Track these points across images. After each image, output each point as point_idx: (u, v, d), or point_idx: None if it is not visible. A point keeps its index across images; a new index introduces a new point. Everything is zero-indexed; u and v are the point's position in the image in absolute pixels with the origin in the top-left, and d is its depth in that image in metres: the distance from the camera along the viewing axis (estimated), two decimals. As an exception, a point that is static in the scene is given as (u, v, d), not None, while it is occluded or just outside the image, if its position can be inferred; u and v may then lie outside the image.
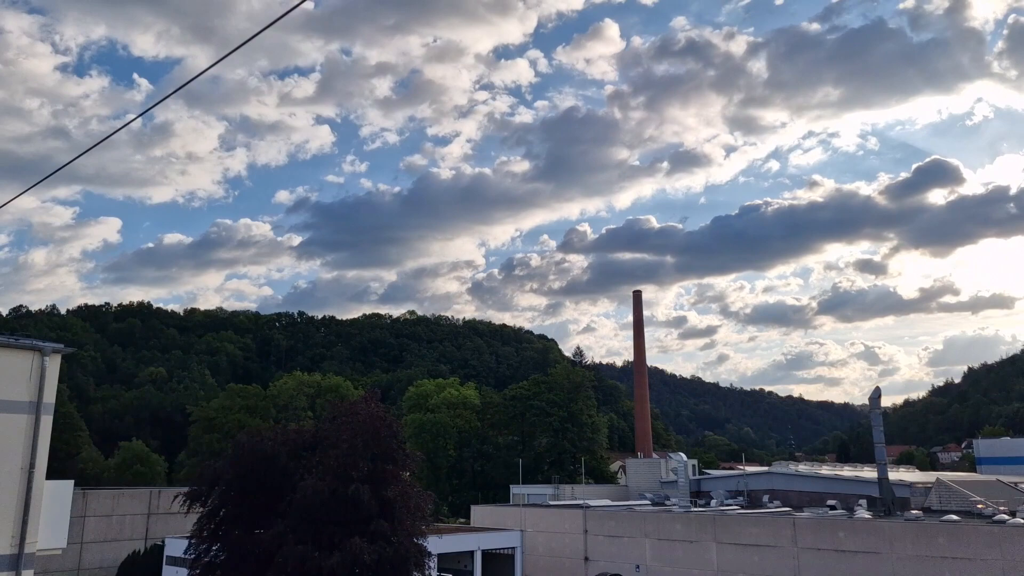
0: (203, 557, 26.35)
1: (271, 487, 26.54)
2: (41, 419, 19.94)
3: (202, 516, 26.82)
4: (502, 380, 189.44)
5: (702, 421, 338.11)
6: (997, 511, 45.46)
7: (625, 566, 49.85)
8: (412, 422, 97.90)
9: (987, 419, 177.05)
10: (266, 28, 11.98)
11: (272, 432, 28.73)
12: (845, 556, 41.40)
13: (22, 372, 19.82)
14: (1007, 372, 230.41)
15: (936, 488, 54.08)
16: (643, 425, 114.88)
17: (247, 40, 11.79)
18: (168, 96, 14.18)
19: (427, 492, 28.91)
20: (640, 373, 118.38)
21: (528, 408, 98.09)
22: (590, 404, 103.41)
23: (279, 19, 11.44)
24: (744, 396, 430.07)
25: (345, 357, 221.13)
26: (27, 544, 19.31)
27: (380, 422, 26.97)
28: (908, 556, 39.39)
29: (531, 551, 53.87)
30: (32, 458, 19.62)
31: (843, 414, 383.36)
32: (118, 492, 57.85)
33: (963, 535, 38.47)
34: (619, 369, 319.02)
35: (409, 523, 26.28)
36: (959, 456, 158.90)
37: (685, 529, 48.32)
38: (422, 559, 26.74)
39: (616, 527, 51.72)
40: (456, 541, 47.97)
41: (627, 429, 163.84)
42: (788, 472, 68.36)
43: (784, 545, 43.75)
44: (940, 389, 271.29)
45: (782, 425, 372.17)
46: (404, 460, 27.65)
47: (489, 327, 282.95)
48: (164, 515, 55.50)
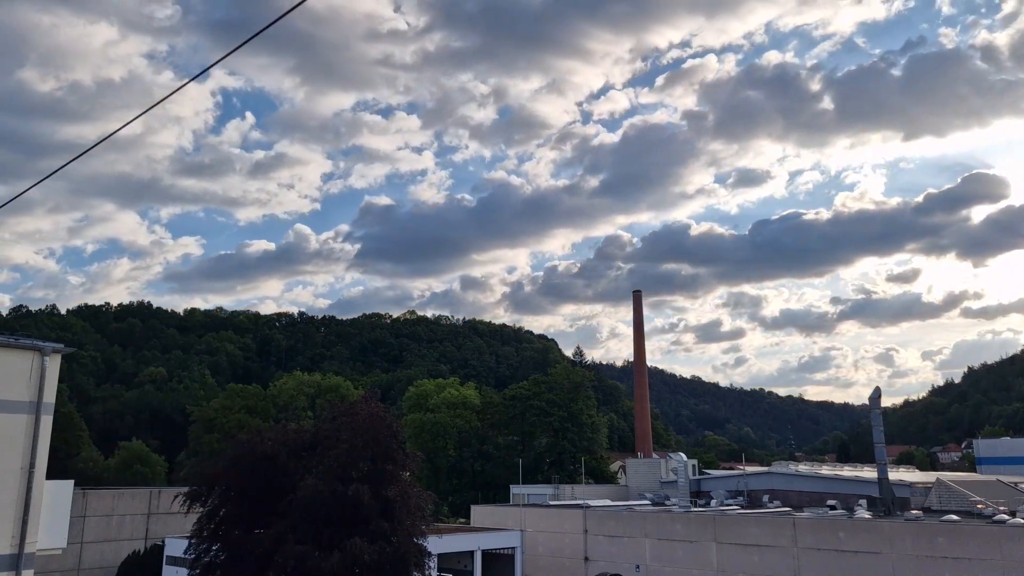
0: (203, 557, 26.36)
1: (271, 487, 26.54)
2: (41, 419, 19.96)
3: (202, 516, 26.83)
4: (502, 380, 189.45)
5: (702, 421, 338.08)
6: (997, 511, 45.46)
7: (625, 566, 49.83)
8: (412, 422, 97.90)
9: (987, 419, 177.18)
10: (265, 29, 11.99)
11: (272, 432, 28.73)
12: (845, 556, 41.39)
13: (22, 372, 19.83)
14: (1007, 372, 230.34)
15: (936, 488, 54.08)
16: (643, 425, 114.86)
17: (244, 42, 11.81)
18: (166, 98, 14.17)
19: (427, 492, 28.93)
20: (640, 373, 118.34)
21: (528, 408, 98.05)
22: (590, 404, 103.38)
23: (278, 20, 11.45)
24: (744, 396, 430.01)
25: (345, 357, 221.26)
26: (27, 544, 19.32)
27: (380, 422, 26.98)
28: (908, 556, 39.38)
29: (531, 551, 53.85)
30: (32, 458, 19.63)
31: (843, 414, 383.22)
32: (118, 492, 57.74)
33: (963, 535, 38.46)
34: (619, 369, 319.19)
35: (409, 523, 26.28)
36: (959, 456, 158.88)
37: (685, 529, 48.31)
38: (422, 559, 26.74)
39: (616, 527, 51.70)
40: (456, 541, 47.98)
41: (627, 429, 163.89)
42: (788, 472, 68.34)
43: (784, 545, 43.74)
44: (940, 389, 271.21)
45: (782, 425, 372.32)
46: (404, 460, 27.65)
47: (489, 327, 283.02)
48: (164, 515, 55.42)
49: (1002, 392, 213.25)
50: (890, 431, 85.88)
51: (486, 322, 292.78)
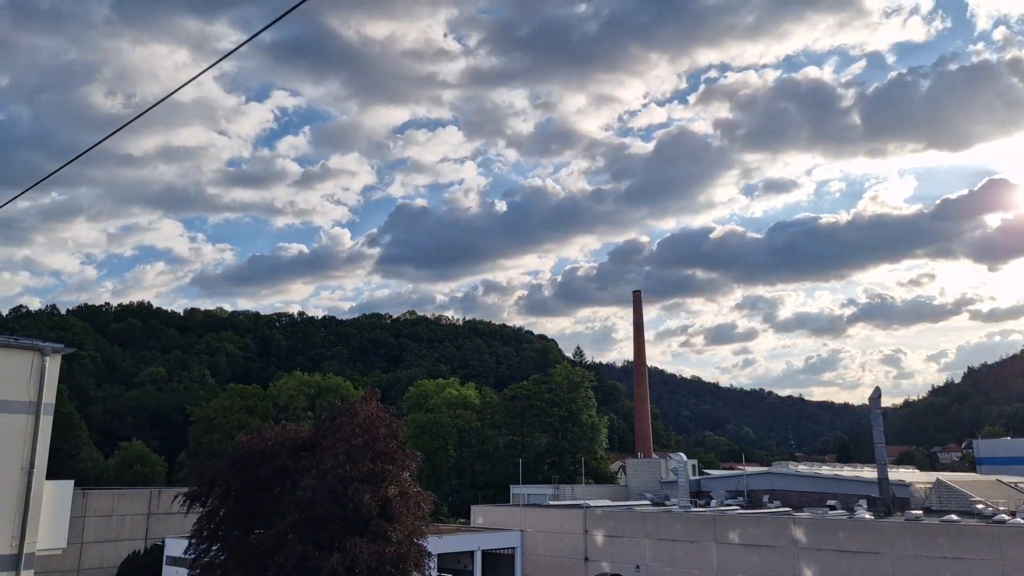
0: (203, 557, 26.35)
1: (271, 487, 26.53)
2: (41, 419, 19.97)
3: (202, 516, 26.82)
4: (502, 380, 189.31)
5: (702, 421, 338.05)
6: (997, 511, 45.49)
7: (625, 566, 49.84)
8: (412, 422, 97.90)
9: (987, 419, 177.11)
10: (264, 29, 11.99)
11: (272, 432, 28.72)
12: (845, 556, 41.40)
13: (22, 372, 19.85)
14: (1007, 372, 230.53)
15: (936, 488, 54.11)
16: (643, 425, 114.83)
17: (241, 44, 11.81)
18: (162, 100, 14.17)
19: (427, 492, 28.88)
20: (640, 373, 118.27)
21: (528, 408, 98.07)
22: (590, 404, 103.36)
23: (277, 20, 11.45)
24: (744, 396, 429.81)
25: (345, 357, 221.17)
26: (27, 544, 19.33)
27: (380, 422, 26.97)
28: (908, 556, 39.38)
29: (531, 551, 53.86)
30: (32, 458, 19.65)
31: (843, 414, 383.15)
32: (118, 492, 57.81)
33: (963, 535, 38.48)
34: (619, 369, 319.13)
35: (409, 523, 26.28)
36: (959, 456, 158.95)
37: (685, 529, 48.32)
38: (422, 559, 26.73)
39: (616, 527, 51.71)
40: (456, 541, 48.03)
41: (627, 429, 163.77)
42: (788, 472, 68.39)
43: (784, 545, 43.75)
44: (940, 389, 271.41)
45: (782, 425, 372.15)
46: (404, 460, 27.63)
47: (489, 327, 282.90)
48: (164, 515, 55.47)
49: (1002, 392, 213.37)
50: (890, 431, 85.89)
51: (486, 322, 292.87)
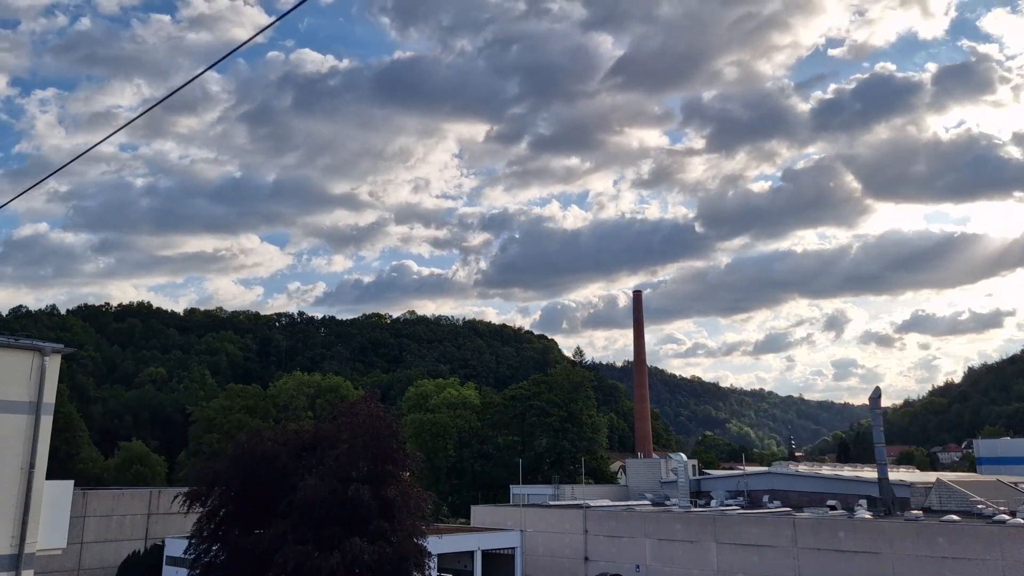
0: (203, 557, 26.38)
1: (271, 487, 26.53)
2: (41, 419, 19.95)
3: (202, 516, 26.84)
4: (502, 380, 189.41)
5: (702, 421, 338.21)
6: (997, 511, 45.47)
7: (625, 566, 49.84)
8: (412, 422, 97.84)
9: (987, 419, 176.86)
10: (264, 29, 11.99)
11: (272, 432, 28.77)
12: (845, 556, 41.40)
13: (22, 372, 19.82)
14: (1007, 372, 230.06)
15: (936, 488, 54.07)
16: (643, 425, 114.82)
17: (239, 47, 11.80)
18: (155, 105, 14.16)
19: (427, 492, 28.92)
20: (640, 373, 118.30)
21: (528, 408, 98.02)
22: (590, 404, 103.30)
23: (276, 21, 11.45)
24: (744, 396, 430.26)
25: (345, 357, 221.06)
26: (27, 544, 19.31)
27: (380, 422, 26.99)
28: (908, 556, 39.38)
29: (531, 551, 53.85)
30: (32, 458, 19.62)
31: (843, 414, 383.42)
32: (118, 492, 57.79)
33: (963, 535, 38.47)
34: (619, 369, 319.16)
35: (409, 523, 26.30)
36: (959, 456, 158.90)
37: (685, 529, 48.31)
38: (422, 559, 26.75)
39: (616, 527, 51.71)
40: (456, 541, 47.97)
41: (627, 429, 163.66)
42: (788, 472, 68.29)
43: (784, 545, 43.75)
44: (940, 389, 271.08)
45: (782, 425, 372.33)
46: (404, 460, 27.66)
47: (489, 327, 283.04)
48: (164, 515, 55.44)
49: (1002, 392, 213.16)
50: (890, 431, 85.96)
51: (486, 322, 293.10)
